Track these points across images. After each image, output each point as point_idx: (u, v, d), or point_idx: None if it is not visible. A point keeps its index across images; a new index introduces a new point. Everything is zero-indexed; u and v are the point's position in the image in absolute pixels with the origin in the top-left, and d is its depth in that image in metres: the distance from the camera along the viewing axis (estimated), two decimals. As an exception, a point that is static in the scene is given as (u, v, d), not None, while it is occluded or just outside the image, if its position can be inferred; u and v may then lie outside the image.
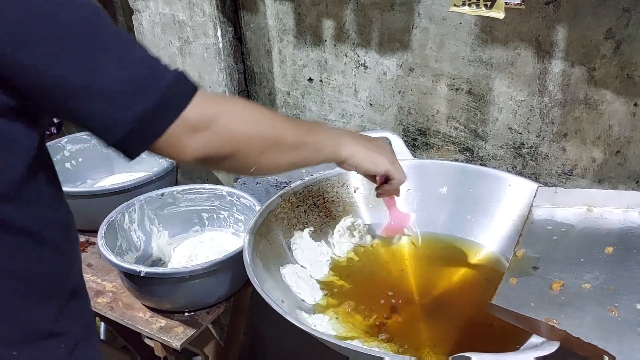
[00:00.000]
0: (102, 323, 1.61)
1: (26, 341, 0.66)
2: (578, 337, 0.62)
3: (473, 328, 0.86)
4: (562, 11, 1.02)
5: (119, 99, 0.56)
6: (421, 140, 1.33)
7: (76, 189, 1.35)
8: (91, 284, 1.19)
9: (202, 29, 1.47)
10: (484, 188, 1.07)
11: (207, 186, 1.27)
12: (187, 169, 1.71)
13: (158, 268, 1.10)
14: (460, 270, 1.00)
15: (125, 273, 1.03)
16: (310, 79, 1.45)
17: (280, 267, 0.96)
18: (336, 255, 1.05)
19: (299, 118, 1.50)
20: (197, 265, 1.01)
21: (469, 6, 0.99)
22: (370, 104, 1.37)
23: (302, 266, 1.00)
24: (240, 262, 0.87)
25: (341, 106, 1.42)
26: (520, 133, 1.17)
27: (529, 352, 0.65)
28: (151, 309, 1.11)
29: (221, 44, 1.46)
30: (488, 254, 1.03)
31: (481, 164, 1.24)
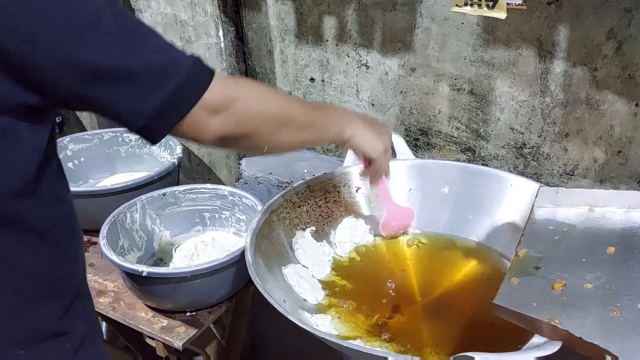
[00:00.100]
0: (104, 323, 1.61)
1: (33, 340, 0.66)
2: (580, 337, 0.61)
3: (475, 328, 0.86)
4: (564, 11, 1.02)
5: (146, 84, 0.58)
6: (423, 140, 1.33)
7: (78, 189, 1.35)
8: (93, 284, 1.19)
9: (204, 29, 1.47)
10: (486, 188, 1.07)
11: (209, 186, 1.27)
12: (188, 169, 1.71)
13: (160, 268, 1.10)
14: (462, 270, 1.00)
15: (127, 273, 1.03)
16: (312, 79, 1.45)
17: (282, 267, 0.96)
18: (338, 255, 1.05)
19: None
20: (199, 265, 1.01)
21: (471, 6, 0.99)
22: (372, 104, 1.37)
23: (304, 266, 1.00)
24: (242, 262, 0.87)
25: (343, 106, 1.42)
26: (522, 133, 1.17)
27: (531, 352, 0.65)
28: (153, 309, 1.11)
29: (223, 44, 1.47)
30: (490, 254, 1.03)
31: (483, 164, 1.24)
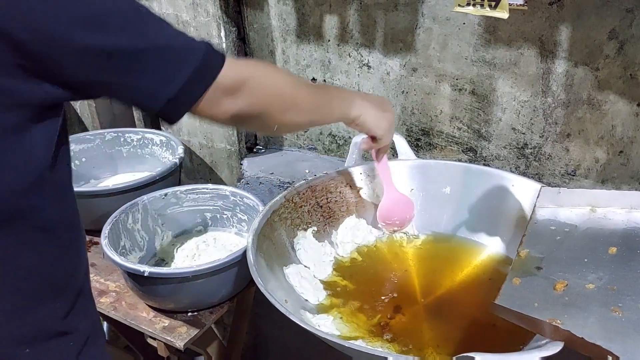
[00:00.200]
0: (105, 323, 1.62)
1: (36, 340, 0.66)
2: (582, 337, 0.61)
3: (476, 328, 0.86)
4: (566, 11, 1.02)
5: (165, 69, 0.61)
6: (424, 140, 1.33)
7: (80, 189, 1.35)
8: (95, 284, 1.19)
9: (206, 30, 1.47)
10: (487, 188, 1.07)
11: (211, 186, 1.27)
12: (190, 169, 1.71)
13: (161, 268, 1.10)
14: (463, 270, 1.00)
15: (128, 273, 1.03)
16: (313, 79, 1.45)
17: (283, 267, 0.96)
18: (339, 255, 1.05)
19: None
20: (201, 265, 1.01)
21: (474, 6, 0.99)
22: (373, 104, 1.37)
23: (306, 266, 1.00)
24: (243, 262, 0.87)
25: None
26: (523, 133, 1.17)
27: (533, 352, 0.65)
28: (154, 309, 1.11)
29: (225, 44, 1.47)
30: (491, 254, 1.03)
31: (484, 164, 1.24)
